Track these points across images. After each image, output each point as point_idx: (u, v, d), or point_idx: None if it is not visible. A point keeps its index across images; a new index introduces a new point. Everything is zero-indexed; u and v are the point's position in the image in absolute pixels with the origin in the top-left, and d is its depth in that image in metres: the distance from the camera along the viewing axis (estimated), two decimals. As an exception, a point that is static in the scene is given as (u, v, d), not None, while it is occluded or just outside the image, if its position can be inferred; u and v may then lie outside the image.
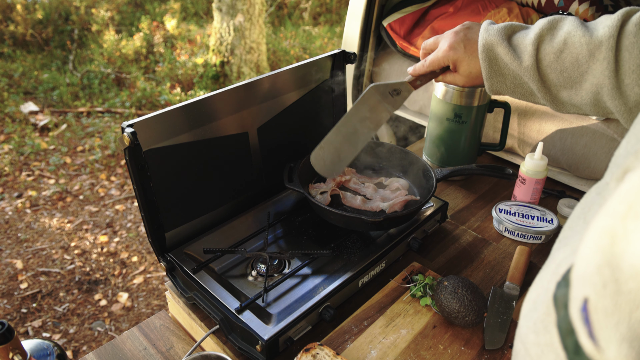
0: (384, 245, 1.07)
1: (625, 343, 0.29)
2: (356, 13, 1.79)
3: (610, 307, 0.30)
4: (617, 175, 0.39)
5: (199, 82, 4.55)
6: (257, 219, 1.16)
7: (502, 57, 0.87)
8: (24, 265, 2.58)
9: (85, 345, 2.17)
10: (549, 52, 0.83)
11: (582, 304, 0.33)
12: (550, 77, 0.85)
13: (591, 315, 0.32)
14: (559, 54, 0.82)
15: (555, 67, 0.83)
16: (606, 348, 0.31)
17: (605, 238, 0.32)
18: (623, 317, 0.29)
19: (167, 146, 0.98)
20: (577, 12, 1.57)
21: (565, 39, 0.81)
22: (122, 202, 3.12)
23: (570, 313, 0.35)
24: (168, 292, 1.04)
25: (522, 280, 1.04)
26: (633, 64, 0.75)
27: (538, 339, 0.41)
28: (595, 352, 0.32)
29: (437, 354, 0.88)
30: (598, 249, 0.32)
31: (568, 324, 0.36)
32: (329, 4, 6.34)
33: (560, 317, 0.38)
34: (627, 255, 0.29)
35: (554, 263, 0.46)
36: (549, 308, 0.40)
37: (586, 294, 0.33)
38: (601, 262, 0.31)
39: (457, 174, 1.18)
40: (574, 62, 0.81)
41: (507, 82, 0.90)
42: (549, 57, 0.83)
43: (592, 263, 0.32)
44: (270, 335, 0.84)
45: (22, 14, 5.03)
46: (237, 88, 1.06)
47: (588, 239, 0.34)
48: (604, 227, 0.33)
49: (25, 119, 3.90)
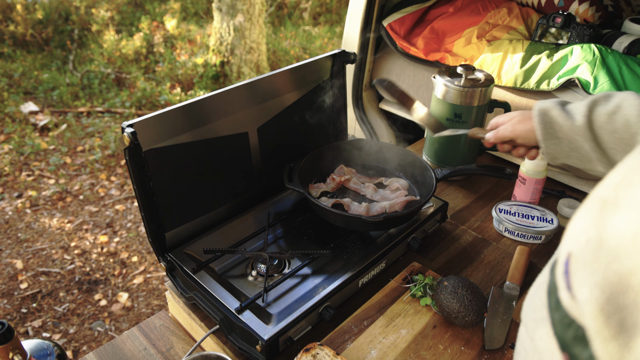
0: (384, 245, 1.07)
1: (597, 288, 0.31)
2: (356, 13, 1.79)
3: (589, 259, 0.33)
4: None
5: (199, 82, 4.55)
6: (257, 219, 1.16)
7: (556, 118, 0.91)
8: (24, 265, 2.58)
9: (85, 345, 2.17)
10: (601, 114, 0.86)
11: (565, 259, 0.36)
12: (604, 137, 0.87)
13: (570, 266, 0.35)
14: (612, 115, 0.85)
15: (607, 127, 0.86)
16: (578, 293, 0.33)
17: (596, 204, 0.35)
18: (599, 267, 0.31)
19: (167, 146, 0.98)
20: (577, 12, 1.57)
21: (618, 103, 0.85)
22: (122, 202, 3.12)
23: (555, 271, 0.38)
24: (168, 292, 1.04)
25: (522, 280, 1.04)
26: None
27: (535, 315, 0.44)
28: (570, 302, 0.35)
29: (437, 354, 0.88)
30: (587, 212, 0.35)
31: (553, 283, 0.39)
32: (329, 4, 6.34)
33: (549, 281, 0.40)
34: (614, 217, 0.32)
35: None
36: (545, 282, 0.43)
37: (570, 249, 0.35)
38: (589, 223, 0.34)
39: (457, 174, 1.18)
40: (625, 123, 0.84)
41: (562, 145, 0.92)
42: (601, 118, 0.86)
43: (580, 224, 0.35)
44: (270, 335, 0.84)
45: (22, 14, 5.03)
46: (237, 88, 1.06)
47: (581, 209, 0.37)
48: (597, 195, 0.36)
49: (25, 119, 3.90)
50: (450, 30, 1.70)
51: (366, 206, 1.14)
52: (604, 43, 1.45)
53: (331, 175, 1.24)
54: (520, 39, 1.58)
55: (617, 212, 0.32)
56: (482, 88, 1.31)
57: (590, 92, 1.29)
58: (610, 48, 1.39)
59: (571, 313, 0.35)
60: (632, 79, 1.28)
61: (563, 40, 1.51)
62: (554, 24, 1.51)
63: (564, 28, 1.50)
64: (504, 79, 1.49)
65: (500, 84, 1.51)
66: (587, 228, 0.34)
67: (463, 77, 1.32)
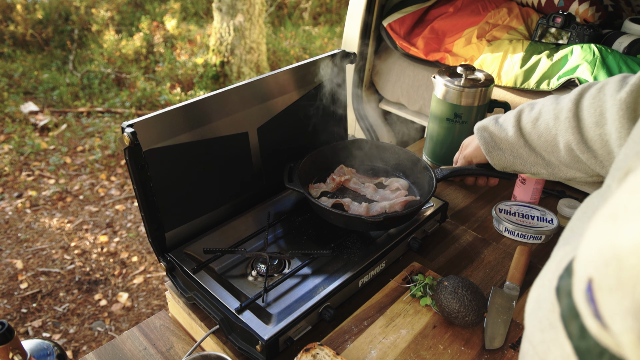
0: (384, 245, 1.07)
1: (630, 316, 0.29)
2: (356, 13, 1.79)
3: (614, 284, 0.30)
4: (618, 176, 0.40)
5: (199, 82, 4.55)
6: (257, 219, 1.16)
7: (494, 132, 1.03)
8: (24, 265, 2.58)
9: (85, 345, 2.17)
10: (527, 122, 0.98)
11: (587, 285, 0.34)
12: (534, 142, 0.98)
13: (596, 293, 0.32)
14: (535, 122, 0.96)
15: (534, 133, 0.97)
16: (611, 323, 0.31)
17: (607, 222, 0.33)
18: (627, 291, 0.29)
19: (167, 146, 0.98)
20: (577, 12, 1.57)
21: (539, 109, 0.97)
22: (122, 202, 3.12)
23: (574, 297, 0.36)
24: (168, 292, 1.04)
25: (522, 280, 1.04)
26: (591, 121, 0.86)
27: (544, 336, 0.42)
28: (600, 330, 0.33)
29: (437, 354, 0.88)
30: (600, 232, 0.33)
31: (572, 309, 0.36)
32: (329, 4, 6.34)
33: (563, 307, 0.38)
34: (628, 232, 0.30)
35: (554, 262, 0.47)
36: (553, 304, 0.41)
37: (590, 274, 0.33)
38: (603, 243, 0.32)
39: (457, 174, 1.18)
40: (546, 127, 0.95)
41: (505, 155, 1.03)
42: (527, 126, 0.98)
43: (594, 245, 0.33)
44: (270, 335, 0.84)
45: (22, 14, 5.03)
46: (237, 88, 1.06)
47: (591, 228, 0.35)
48: (607, 213, 0.34)
49: (25, 119, 3.90)
50: (450, 30, 1.71)
51: (366, 206, 1.14)
52: (604, 43, 1.45)
53: (331, 175, 1.24)
54: (520, 39, 1.58)
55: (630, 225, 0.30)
56: (482, 88, 1.31)
57: (590, 92, 1.29)
58: (610, 48, 1.39)
59: (603, 342, 0.33)
60: (632, 79, 1.28)
61: (563, 40, 1.51)
62: (554, 24, 1.51)
63: (564, 28, 1.50)
64: (504, 79, 1.49)
65: (500, 84, 1.51)
66: (603, 248, 0.32)
67: (463, 77, 1.32)
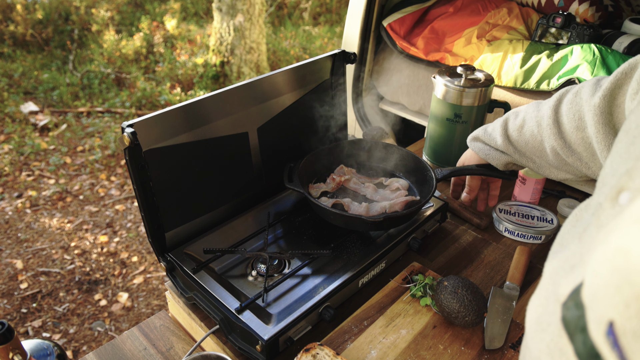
0: (384, 245, 1.07)
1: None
2: (356, 13, 1.79)
3: (638, 328, 0.29)
4: (610, 195, 0.39)
5: (199, 82, 4.55)
6: (257, 219, 1.16)
7: (484, 139, 1.09)
8: (24, 265, 2.58)
9: (85, 345, 2.17)
10: (513, 130, 1.02)
11: (608, 328, 0.32)
12: (522, 149, 1.02)
13: (620, 339, 0.31)
14: (520, 129, 1.00)
15: (521, 140, 1.01)
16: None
17: (619, 257, 0.31)
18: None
19: (167, 146, 0.98)
20: (577, 12, 1.57)
21: (523, 117, 1.00)
22: (122, 202, 3.12)
23: (593, 339, 0.34)
24: (168, 292, 1.04)
25: (522, 280, 1.04)
26: (571, 125, 0.89)
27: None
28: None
29: (437, 354, 0.88)
30: (613, 268, 0.31)
31: (590, 349, 0.34)
32: (329, 4, 6.34)
33: (578, 344, 0.36)
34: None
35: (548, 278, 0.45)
36: (560, 330, 0.39)
37: (610, 317, 0.32)
38: (619, 282, 0.30)
39: (457, 174, 1.18)
40: (531, 134, 0.98)
41: (502, 156, 1.07)
42: (514, 134, 1.01)
43: (610, 284, 0.31)
44: (270, 335, 0.84)
45: (22, 14, 5.03)
46: (237, 88, 1.06)
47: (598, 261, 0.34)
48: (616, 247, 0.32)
49: (25, 119, 3.90)
50: (450, 30, 1.71)
51: (366, 206, 1.14)
52: (604, 43, 1.45)
53: (331, 175, 1.24)
54: (520, 39, 1.58)
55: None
56: (482, 88, 1.31)
57: (590, 92, 1.29)
58: (610, 48, 1.39)
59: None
60: (632, 79, 1.28)
61: (563, 40, 1.51)
62: (554, 24, 1.51)
63: (564, 28, 1.50)
64: (504, 79, 1.49)
65: (500, 84, 1.51)
66: (621, 287, 0.30)
67: (463, 77, 1.32)
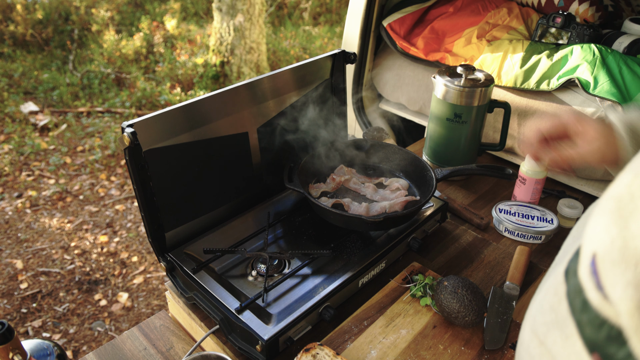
0: (384, 245, 1.07)
1: (631, 286, 0.31)
2: (356, 13, 1.79)
3: (617, 258, 0.32)
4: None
5: (199, 82, 4.55)
6: (257, 219, 1.16)
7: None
8: (24, 265, 2.58)
9: (85, 345, 2.17)
10: None
11: (591, 260, 0.36)
12: None
13: (599, 265, 0.35)
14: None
15: None
16: (612, 292, 0.33)
17: (611, 201, 0.35)
18: (629, 266, 0.31)
19: (167, 146, 0.98)
20: (577, 12, 1.57)
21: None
22: (122, 202, 3.12)
23: (579, 273, 0.38)
24: (168, 292, 1.04)
25: (522, 280, 1.04)
26: None
27: (545, 318, 0.44)
28: (601, 301, 0.35)
29: (437, 354, 0.88)
30: (605, 211, 0.35)
31: (576, 286, 0.38)
32: (329, 4, 6.34)
33: (569, 285, 0.40)
34: (633, 217, 0.32)
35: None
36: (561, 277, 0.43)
37: (594, 250, 0.35)
38: (608, 222, 0.34)
39: (457, 174, 1.18)
40: None
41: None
42: None
43: (600, 224, 0.35)
44: (270, 335, 0.84)
45: (22, 14, 5.03)
46: (237, 88, 1.06)
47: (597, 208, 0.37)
48: (611, 194, 0.36)
49: (25, 119, 3.90)
50: (450, 30, 1.70)
51: (366, 206, 1.14)
52: (604, 43, 1.45)
53: (331, 175, 1.24)
54: (520, 39, 1.58)
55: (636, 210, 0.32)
56: (482, 88, 1.31)
57: (590, 92, 1.29)
58: (610, 48, 1.39)
59: (603, 313, 0.35)
60: (632, 79, 1.28)
61: (563, 40, 1.51)
62: (554, 24, 1.51)
63: (564, 28, 1.50)
64: (504, 79, 1.49)
65: (500, 84, 1.51)
66: (608, 227, 0.34)
67: (463, 77, 1.32)
